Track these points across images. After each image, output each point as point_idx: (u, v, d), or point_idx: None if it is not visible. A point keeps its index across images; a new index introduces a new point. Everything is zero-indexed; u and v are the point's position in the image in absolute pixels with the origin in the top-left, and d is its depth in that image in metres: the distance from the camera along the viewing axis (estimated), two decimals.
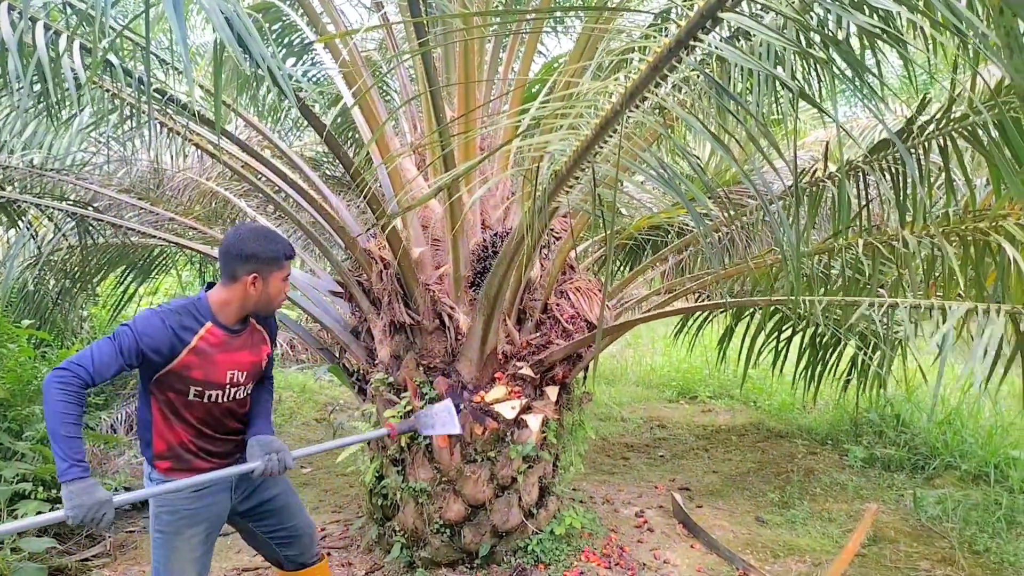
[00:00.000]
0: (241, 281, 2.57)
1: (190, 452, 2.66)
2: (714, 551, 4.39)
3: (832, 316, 5.45)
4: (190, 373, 2.54)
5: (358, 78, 4.20)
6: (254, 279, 2.57)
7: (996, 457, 5.54)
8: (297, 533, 2.97)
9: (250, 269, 2.56)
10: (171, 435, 2.62)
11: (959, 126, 3.42)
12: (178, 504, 2.61)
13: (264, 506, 2.88)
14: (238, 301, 2.61)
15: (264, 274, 2.58)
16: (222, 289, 2.61)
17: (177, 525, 2.62)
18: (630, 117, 2.35)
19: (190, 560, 2.66)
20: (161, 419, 2.60)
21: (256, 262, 2.56)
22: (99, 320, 8.25)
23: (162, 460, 2.62)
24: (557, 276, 4.20)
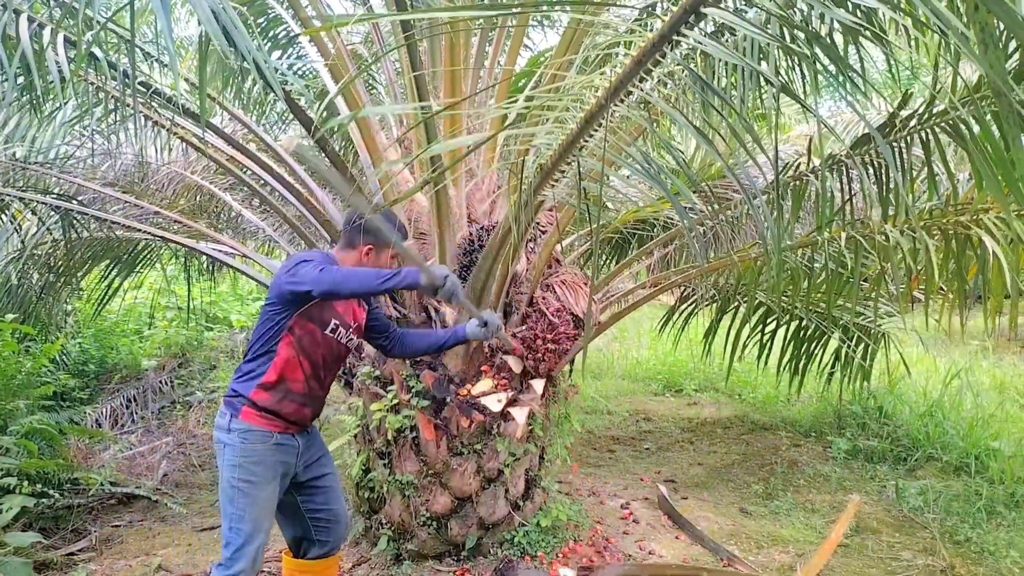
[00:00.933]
0: (357, 249, 2.92)
1: (293, 393, 2.85)
2: (699, 542, 4.43)
3: (816, 309, 5.51)
4: (334, 306, 2.89)
5: (344, 71, 4.20)
6: (368, 250, 2.92)
7: (977, 448, 5.61)
8: (337, 518, 3.14)
9: (367, 241, 2.90)
10: (290, 369, 2.83)
11: (941, 121, 3.46)
12: (265, 455, 2.79)
13: (318, 481, 3.07)
14: (352, 264, 2.93)
15: (379, 247, 2.93)
16: (340, 251, 2.97)
17: (265, 475, 2.80)
18: (615, 111, 2.36)
19: (268, 511, 2.85)
20: (288, 351, 2.82)
21: (370, 235, 2.88)
22: (83, 314, 8.22)
23: (264, 391, 2.80)
24: (543, 270, 4.22)
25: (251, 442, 2.78)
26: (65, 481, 4.95)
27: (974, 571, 4.01)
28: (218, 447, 2.86)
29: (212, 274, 8.12)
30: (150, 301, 9.27)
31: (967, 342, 10.02)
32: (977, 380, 7.58)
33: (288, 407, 2.85)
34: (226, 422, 2.81)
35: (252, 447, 2.78)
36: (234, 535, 2.77)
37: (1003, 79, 1.46)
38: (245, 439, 2.78)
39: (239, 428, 2.79)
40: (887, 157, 2.64)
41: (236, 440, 2.78)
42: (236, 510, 2.77)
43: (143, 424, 6.96)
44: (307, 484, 3.05)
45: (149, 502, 5.17)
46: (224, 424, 2.82)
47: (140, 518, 4.96)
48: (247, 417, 2.79)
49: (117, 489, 5.15)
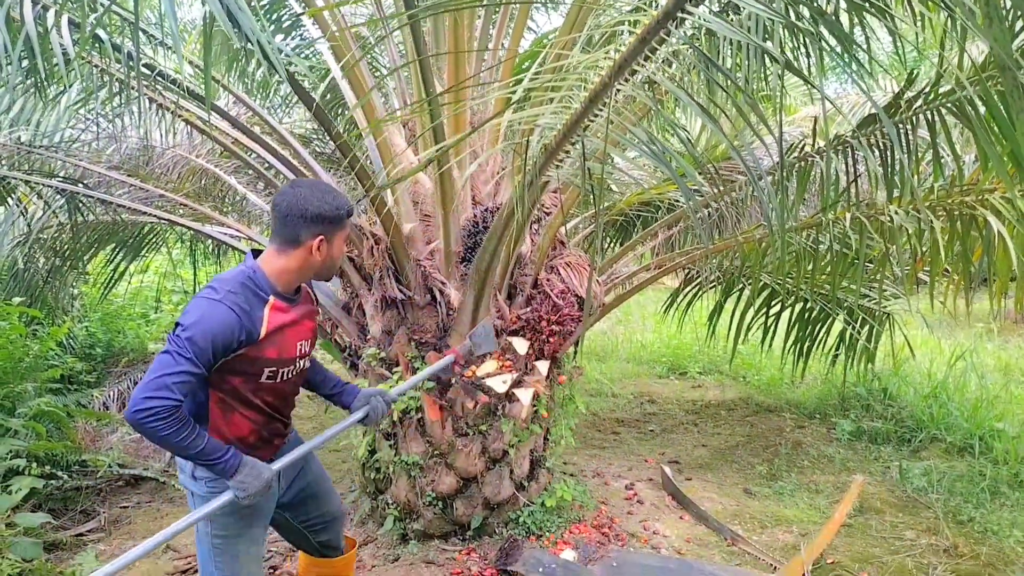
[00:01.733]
0: (305, 246, 2.31)
1: (251, 445, 2.41)
2: (703, 522, 4.45)
3: (820, 291, 5.51)
4: (264, 354, 2.30)
5: (347, 51, 4.19)
6: (320, 242, 2.32)
7: (981, 429, 5.62)
8: (331, 518, 2.88)
9: (316, 231, 2.30)
10: (231, 429, 2.36)
11: (947, 101, 3.44)
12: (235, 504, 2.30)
13: (302, 493, 2.74)
14: (298, 268, 2.35)
15: (330, 236, 2.35)
16: (278, 256, 2.33)
17: (239, 527, 2.43)
18: (619, 90, 2.36)
19: (256, 560, 2.52)
20: (220, 412, 2.33)
21: (323, 223, 2.31)
22: (90, 298, 8.25)
23: None
24: (547, 251, 4.22)
25: (220, 491, 2.31)
26: (73, 463, 4.99)
27: (977, 551, 4.03)
28: (187, 493, 2.49)
29: (218, 257, 8.13)
30: (156, 285, 9.31)
31: (972, 324, 10.01)
32: (982, 361, 7.57)
33: (258, 454, 2.40)
34: (190, 467, 2.39)
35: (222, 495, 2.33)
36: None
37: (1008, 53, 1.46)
38: (212, 488, 2.36)
39: (204, 477, 2.37)
40: (892, 137, 2.63)
41: (203, 490, 2.38)
42: (216, 570, 2.44)
43: None
44: (293, 501, 2.73)
45: (157, 483, 5.21)
46: (188, 469, 2.40)
47: (148, 499, 5.01)
48: None
49: (125, 471, 5.19)
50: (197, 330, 2.12)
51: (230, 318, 2.17)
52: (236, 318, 2.18)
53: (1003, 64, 1.47)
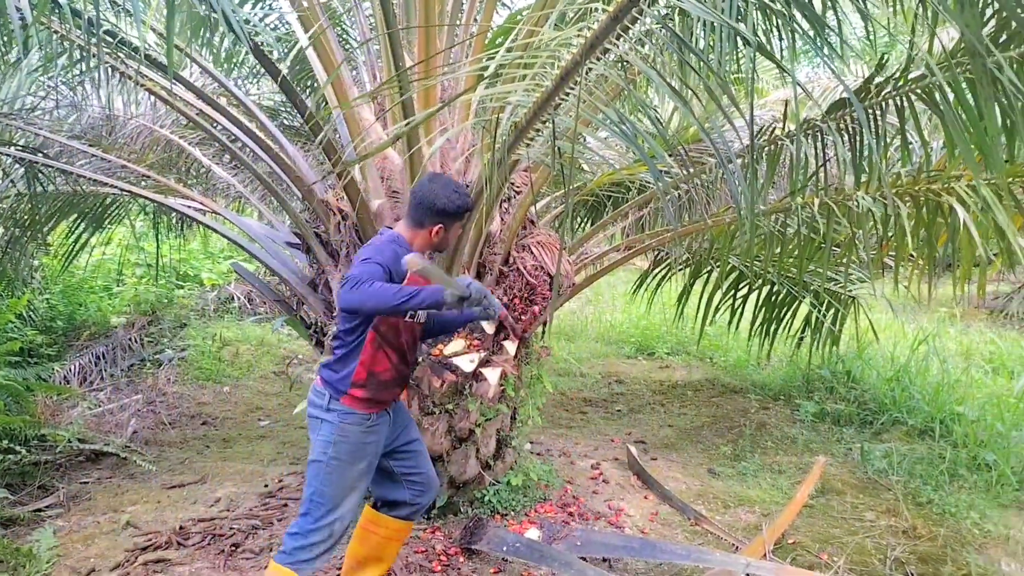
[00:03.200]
0: (427, 229, 2.88)
1: (384, 382, 2.88)
2: (667, 502, 4.48)
3: (787, 275, 5.54)
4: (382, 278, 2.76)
5: (316, 22, 4.11)
6: (439, 230, 2.89)
7: (942, 413, 5.71)
8: (429, 481, 3.20)
9: (436, 221, 2.87)
10: (377, 362, 2.85)
11: (916, 86, 3.45)
12: (360, 438, 2.85)
13: (408, 446, 3.12)
14: (421, 243, 2.91)
15: (448, 225, 2.91)
16: (409, 231, 2.91)
17: (355, 455, 2.85)
18: (591, 69, 2.33)
19: (356, 489, 2.89)
20: (372, 348, 2.83)
21: (443, 216, 2.86)
22: (51, 270, 8.10)
23: (358, 388, 2.82)
24: (517, 231, 4.20)
25: (349, 423, 2.83)
26: (32, 437, 4.91)
27: (935, 532, 4.10)
28: (313, 421, 2.91)
29: (182, 231, 8.00)
30: (119, 257, 9.15)
31: (935, 309, 10.16)
32: (944, 346, 7.69)
33: (383, 394, 2.91)
34: (325, 402, 2.86)
35: (349, 427, 2.83)
36: (314, 506, 2.83)
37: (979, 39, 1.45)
38: (344, 419, 2.83)
39: (339, 409, 2.84)
40: (862, 120, 2.64)
41: (335, 419, 2.83)
42: (320, 484, 2.83)
43: (112, 382, 6.90)
44: (399, 450, 3.10)
45: (118, 459, 5.14)
46: (322, 403, 2.87)
47: (109, 475, 4.94)
48: (348, 402, 2.83)
49: (85, 446, 5.11)
50: (375, 256, 2.70)
51: (393, 255, 2.74)
52: (395, 256, 2.73)
53: (973, 50, 1.46)
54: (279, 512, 4.25)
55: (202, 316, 8.88)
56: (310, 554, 2.81)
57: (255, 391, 7.22)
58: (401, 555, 3.71)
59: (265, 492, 4.58)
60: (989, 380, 6.82)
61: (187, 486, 4.75)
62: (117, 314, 8.35)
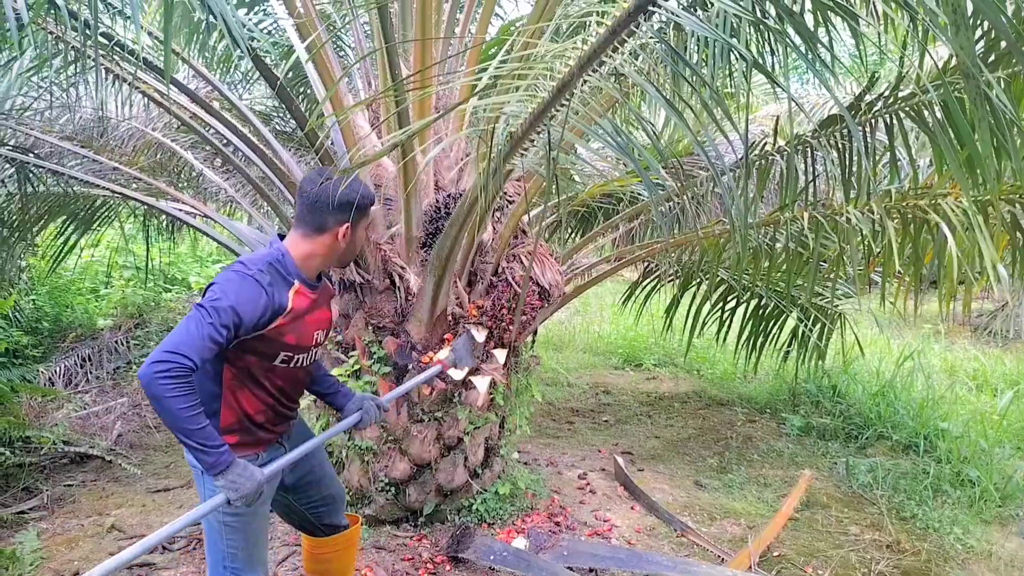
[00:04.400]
0: (331, 232, 2.39)
1: (258, 425, 2.43)
2: (654, 513, 4.50)
3: (775, 288, 5.58)
4: (283, 338, 2.33)
5: (312, 30, 4.12)
6: (346, 230, 2.40)
7: (926, 429, 5.75)
8: (333, 501, 2.88)
9: (343, 219, 2.38)
10: (242, 406, 2.38)
11: (906, 105, 3.50)
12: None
13: (305, 477, 2.74)
14: (323, 255, 2.42)
15: (355, 222, 2.43)
16: (304, 241, 2.40)
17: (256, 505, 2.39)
18: (587, 81, 2.35)
19: (263, 537, 2.55)
20: (233, 389, 2.36)
21: (350, 211, 2.38)
22: (38, 271, 8.05)
23: (228, 434, 2.34)
24: (509, 240, 4.21)
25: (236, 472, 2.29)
26: (16, 439, 4.87)
27: (919, 547, 4.13)
28: (194, 472, 2.43)
29: (172, 234, 7.98)
30: (107, 259, 9.11)
31: (920, 325, 10.24)
32: (929, 363, 7.74)
33: (264, 434, 2.48)
34: None
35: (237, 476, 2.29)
36: (231, 573, 2.46)
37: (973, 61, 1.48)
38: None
39: None
40: (855, 137, 2.67)
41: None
42: (227, 548, 2.42)
43: (98, 384, 6.86)
44: (296, 484, 2.74)
45: (103, 462, 5.11)
46: None
47: (93, 478, 4.91)
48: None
49: (70, 448, 5.09)
50: (225, 301, 2.15)
51: (258, 294, 2.21)
52: (265, 296, 2.22)
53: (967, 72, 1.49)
54: None
55: None
56: None
57: None
58: (387, 563, 3.71)
59: None
60: (973, 397, 6.88)
61: (172, 490, 4.73)
62: (104, 316, 8.30)
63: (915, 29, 2.02)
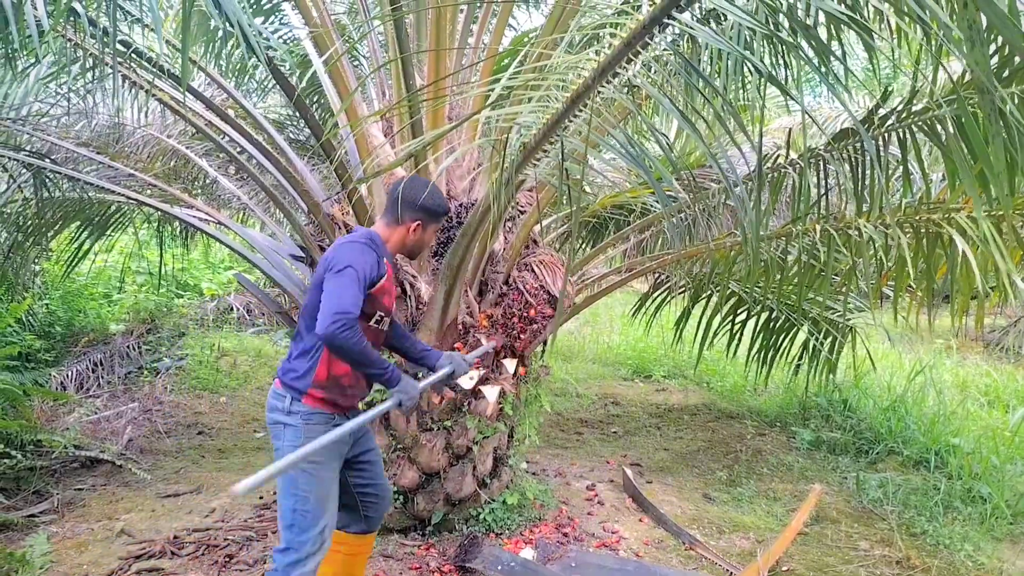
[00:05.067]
0: (404, 225, 2.89)
1: (344, 386, 2.84)
2: (662, 525, 4.48)
3: (786, 302, 5.57)
4: (381, 299, 2.84)
5: (327, 41, 4.15)
6: (416, 227, 2.91)
7: (937, 444, 5.71)
8: (383, 494, 3.16)
9: (416, 217, 2.89)
10: (335, 367, 2.78)
11: (919, 119, 3.50)
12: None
13: (364, 456, 3.05)
14: (397, 241, 2.93)
15: (426, 224, 2.93)
16: (385, 227, 2.92)
17: (328, 455, 2.77)
18: (600, 93, 2.36)
19: (333, 492, 2.85)
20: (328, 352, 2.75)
21: (423, 212, 2.89)
22: (52, 276, 8.11)
23: (319, 389, 2.78)
24: (520, 250, 4.22)
25: (314, 423, 2.77)
26: (28, 442, 4.90)
27: (929, 563, 4.10)
28: (276, 428, 2.83)
29: (185, 240, 8.03)
30: (120, 265, 9.16)
31: (932, 340, 10.19)
32: (940, 378, 7.71)
33: (343, 399, 2.87)
34: (286, 404, 2.79)
35: (315, 427, 2.75)
36: (299, 517, 2.75)
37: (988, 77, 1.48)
38: (308, 420, 2.78)
39: (301, 410, 2.78)
40: (869, 151, 2.67)
41: (299, 422, 2.77)
42: (301, 492, 2.74)
43: (109, 389, 6.90)
44: (355, 461, 3.03)
45: (113, 467, 5.13)
46: (283, 406, 2.80)
47: (103, 482, 4.93)
48: (310, 402, 2.78)
49: (81, 452, 5.11)
50: (357, 264, 2.64)
51: (373, 258, 2.74)
52: (376, 259, 2.76)
53: (982, 87, 1.49)
54: (274, 524, 4.24)
55: (201, 326, 8.88)
56: (306, 567, 2.75)
57: (252, 402, 7.21)
58: (395, 571, 3.71)
59: (260, 504, 4.57)
60: (985, 413, 6.84)
61: (182, 496, 4.75)
62: (116, 321, 8.35)
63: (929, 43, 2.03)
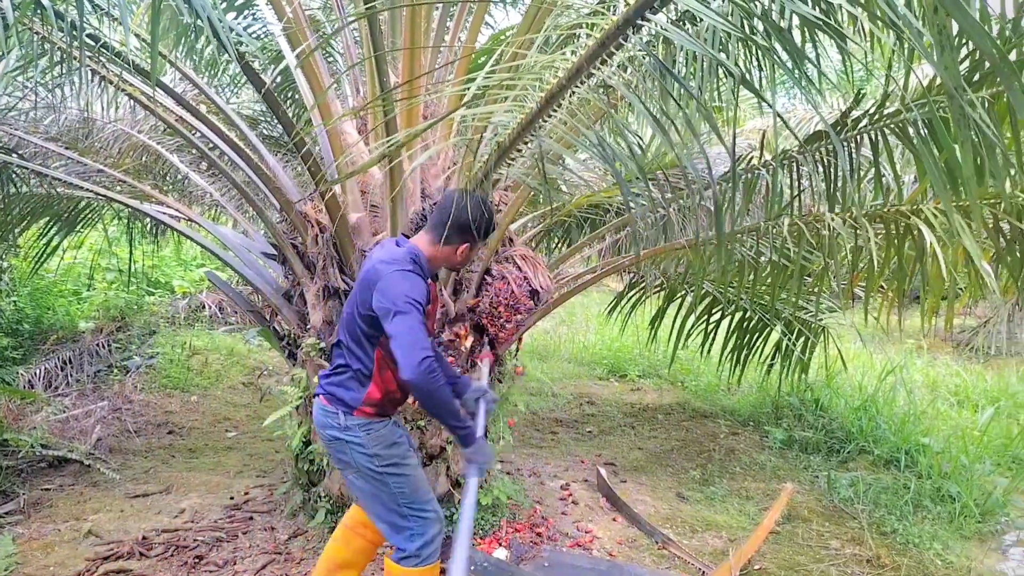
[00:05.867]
0: (453, 247, 2.81)
1: (393, 399, 2.87)
2: (636, 525, 4.49)
3: (759, 302, 5.60)
4: (424, 321, 2.70)
5: (301, 37, 4.11)
6: (464, 249, 2.82)
7: (907, 444, 5.77)
8: None
9: (465, 239, 2.79)
10: (386, 383, 2.81)
11: (891, 122, 3.53)
12: (391, 434, 2.84)
13: None
14: (442, 260, 2.86)
15: (474, 244, 2.84)
16: (430, 246, 2.81)
17: (406, 452, 2.87)
18: (575, 93, 2.36)
19: (421, 475, 2.91)
20: (381, 368, 2.79)
21: (471, 235, 2.79)
22: (19, 272, 7.98)
23: (371, 406, 2.79)
24: (496, 248, 4.21)
25: (376, 430, 2.80)
26: None
27: (899, 562, 4.14)
28: (337, 444, 2.84)
29: (156, 237, 7.92)
30: (90, 262, 9.04)
31: (903, 340, 10.30)
32: (911, 378, 7.80)
33: (390, 408, 2.90)
34: (339, 421, 2.80)
35: (379, 433, 2.80)
36: (411, 520, 2.83)
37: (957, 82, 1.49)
38: (369, 430, 2.80)
39: (357, 423, 2.79)
40: (841, 153, 2.69)
41: (360, 434, 2.79)
42: (395, 489, 2.80)
43: (78, 387, 6.80)
44: None
45: (81, 466, 5.06)
46: (337, 423, 2.81)
47: (71, 482, 4.86)
48: (360, 414, 2.80)
49: (48, 452, 5.03)
50: (415, 294, 2.61)
51: (423, 285, 2.69)
52: (425, 287, 2.70)
53: (951, 92, 1.50)
54: (244, 525, 4.21)
55: (172, 324, 8.78)
56: (435, 545, 2.88)
57: (223, 401, 7.14)
58: (366, 571, 3.69)
59: (231, 504, 4.52)
60: (954, 413, 6.92)
61: (151, 496, 4.69)
62: (85, 319, 8.23)
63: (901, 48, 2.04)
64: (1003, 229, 3.74)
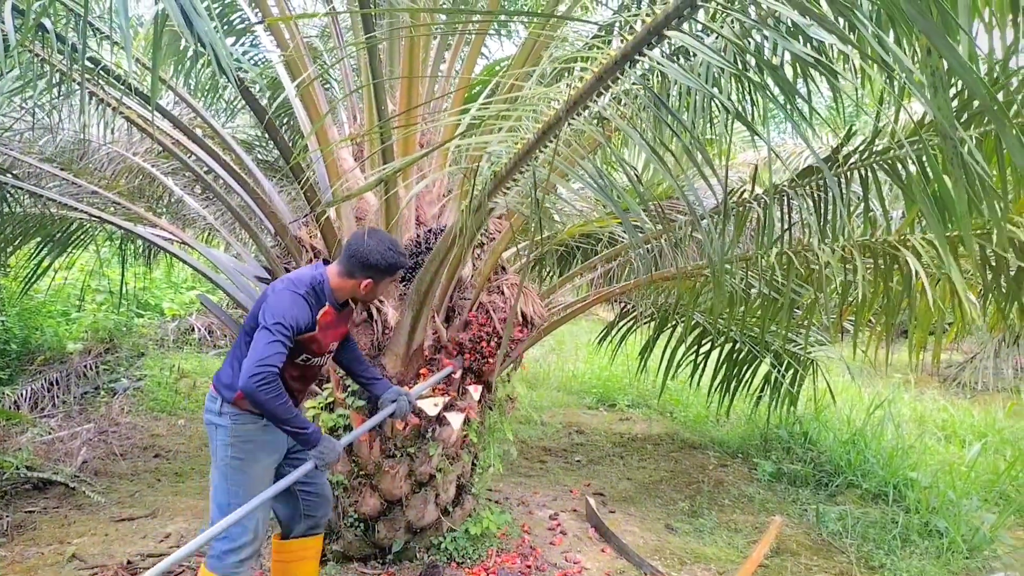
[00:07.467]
0: (356, 280, 3.01)
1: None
2: (624, 556, 4.47)
3: (749, 334, 5.63)
4: (308, 345, 2.99)
5: (300, 64, 4.15)
6: (367, 284, 3.01)
7: (896, 478, 5.78)
8: (324, 494, 3.33)
9: (367, 275, 3.00)
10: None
11: (881, 159, 3.57)
12: (254, 435, 2.98)
13: (300, 453, 3.15)
14: (348, 291, 3.06)
15: (377, 281, 3.04)
16: (339, 278, 3.03)
17: (255, 453, 3.00)
18: (571, 124, 2.39)
19: (264, 485, 3.00)
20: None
21: (374, 272, 2.99)
22: (9, 292, 7.94)
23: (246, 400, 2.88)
24: (488, 276, 4.23)
25: (242, 423, 2.95)
26: None
27: None
28: (210, 429, 3.02)
29: (148, 259, 7.92)
30: (80, 283, 9.01)
31: (891, 374, 10.34)
32: (899, 412, 7.82)
33: None
34: (217, 406, 2.97)
35: (243, 427, 2.95)
36: (232, 510, 2.88)
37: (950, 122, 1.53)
38: (236, 420, 2.95)
39: (230, 412, 2.95)
40: (832, 189, 2.73)
41: (227, 421, 2.95)
42: (231, 485, 2.94)
43: (64, 409, 6.75)
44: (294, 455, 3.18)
45: (66, 489, 5.01)
46: (215, 408, 2.98)
47: (55, 505, 4.81)
48: (236, 406, 2.95)
49: (33, 474, 4.99)
50: (287, 319, 2.81)
51: (305, 311, 2.91)
52: (308, 311, 2.92)
53: (944, 132, 1.54)
54: None
55: (161, 346, 8.75)
56: (239, 556, 2.92)
57: None
58: None
59: None
60: (942, 447, 6.94)
61: (136, 519, 4.65)
62: (74, 340, 8.20)
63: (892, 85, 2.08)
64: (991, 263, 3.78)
